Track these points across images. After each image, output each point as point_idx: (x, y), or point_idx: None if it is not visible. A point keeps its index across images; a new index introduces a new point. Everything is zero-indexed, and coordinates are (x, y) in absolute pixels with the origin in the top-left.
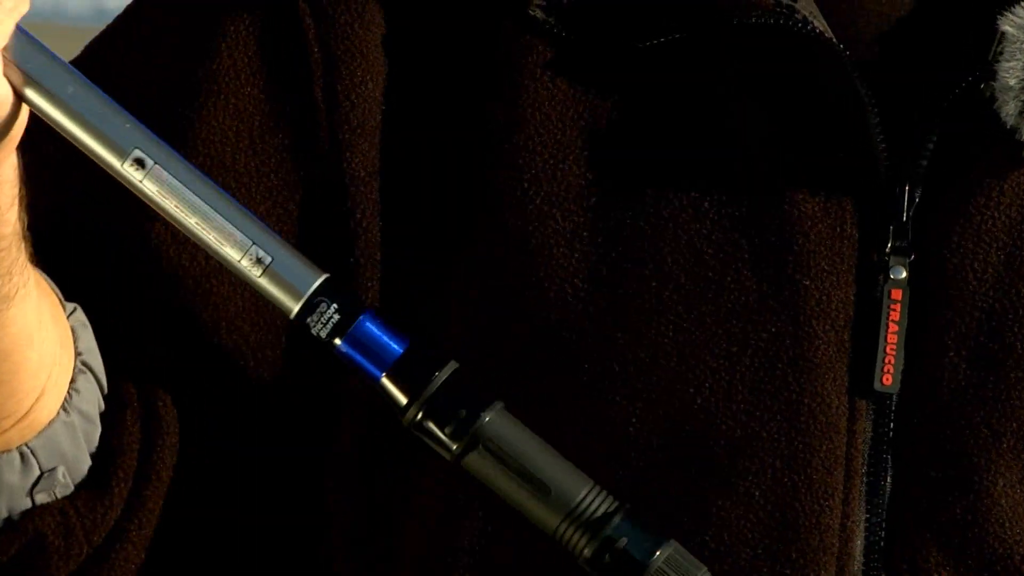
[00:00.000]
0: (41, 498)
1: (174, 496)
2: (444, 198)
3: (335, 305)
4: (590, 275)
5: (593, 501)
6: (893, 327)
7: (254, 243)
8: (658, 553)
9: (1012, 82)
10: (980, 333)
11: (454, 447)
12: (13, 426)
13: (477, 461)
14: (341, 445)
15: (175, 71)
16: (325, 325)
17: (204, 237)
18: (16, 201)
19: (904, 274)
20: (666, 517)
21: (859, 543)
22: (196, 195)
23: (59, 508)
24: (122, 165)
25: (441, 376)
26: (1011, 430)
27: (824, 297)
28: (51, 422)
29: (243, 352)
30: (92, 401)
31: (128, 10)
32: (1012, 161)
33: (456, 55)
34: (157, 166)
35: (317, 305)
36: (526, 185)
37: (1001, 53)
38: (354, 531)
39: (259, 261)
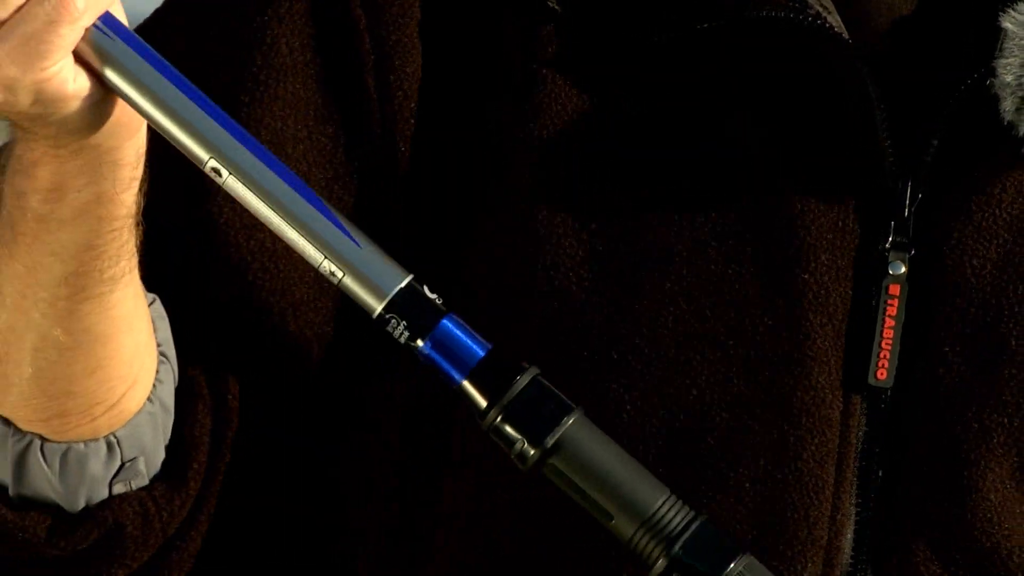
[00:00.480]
0: (118, 488)
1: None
2: (455, 189)
3: (404, 322)
4: (596, 265)
5: (668, 512)
6: (889, 322)
7: (325, 258)
8: (731, 566)
9: (1009, 78)
10: (975, 329)
11: (531, 453)
12: (104, 414)
13: (553, 469)
14: (372, 449)
15: (228, 62)
16: (402, 333)
17: (284, 239)
18: (134, 184)
19: (903, 269)
20: None
21: (848, 537)
22: (271, 208)
23: (138, 499)
24: (204, 167)
25: (522, 381)
26: (1002, 426)
27: (823, 291)
28: (138, 412)
29: (307, 337)
30: (169, 392)
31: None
32: (1014, 159)
33: (473, 49)
34: (231, 177)
35: (388, 320)
36: (536, 175)
37: (1001, 50)
38: (381, 535)
39: (332, 273)
